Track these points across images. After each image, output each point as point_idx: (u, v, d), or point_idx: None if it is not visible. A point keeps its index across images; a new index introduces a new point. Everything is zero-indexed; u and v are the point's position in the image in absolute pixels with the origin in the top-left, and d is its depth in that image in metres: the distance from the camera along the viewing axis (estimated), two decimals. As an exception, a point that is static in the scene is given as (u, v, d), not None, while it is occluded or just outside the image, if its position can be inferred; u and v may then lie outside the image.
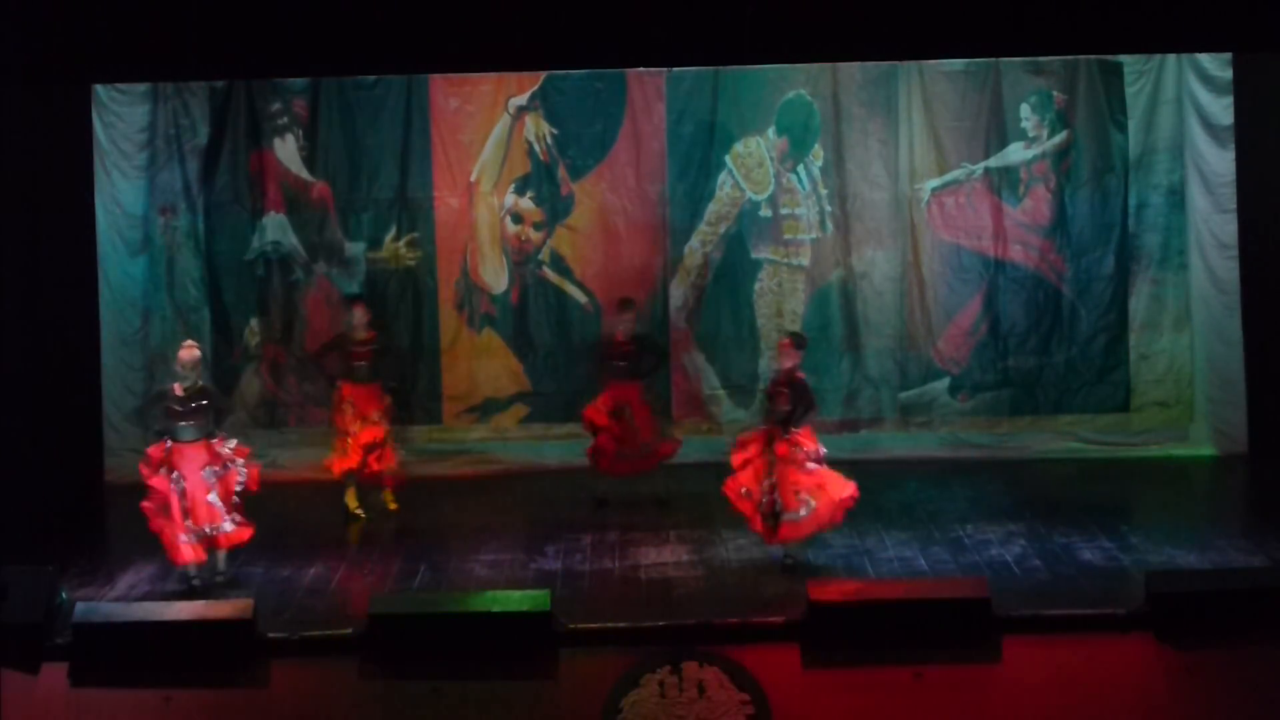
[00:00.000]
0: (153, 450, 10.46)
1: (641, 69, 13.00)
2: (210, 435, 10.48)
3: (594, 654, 9.26)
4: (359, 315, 11.98)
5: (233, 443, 10.65)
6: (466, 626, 9.38)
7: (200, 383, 10.50)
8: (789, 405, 10.52)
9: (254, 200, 13.23)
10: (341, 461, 11.82)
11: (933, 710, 8.66)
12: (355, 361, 11.89)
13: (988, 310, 13.36)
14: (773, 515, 10.42)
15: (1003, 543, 10.92)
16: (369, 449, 11.75)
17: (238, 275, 13.26)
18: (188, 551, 10.20)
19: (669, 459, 12.15)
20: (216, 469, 10.41)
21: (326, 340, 12.38)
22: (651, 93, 13.27)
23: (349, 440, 11.77)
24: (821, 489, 10.41)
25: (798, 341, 10.82)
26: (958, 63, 13.06)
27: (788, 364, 10.66)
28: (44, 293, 12.18)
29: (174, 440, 10.37)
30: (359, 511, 11.92)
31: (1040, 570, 10.38)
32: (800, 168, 13.38)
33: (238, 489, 10.48)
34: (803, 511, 10.40)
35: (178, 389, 10.43)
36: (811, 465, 10.46)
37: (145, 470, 10.43)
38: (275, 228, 13.26)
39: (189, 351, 10.51)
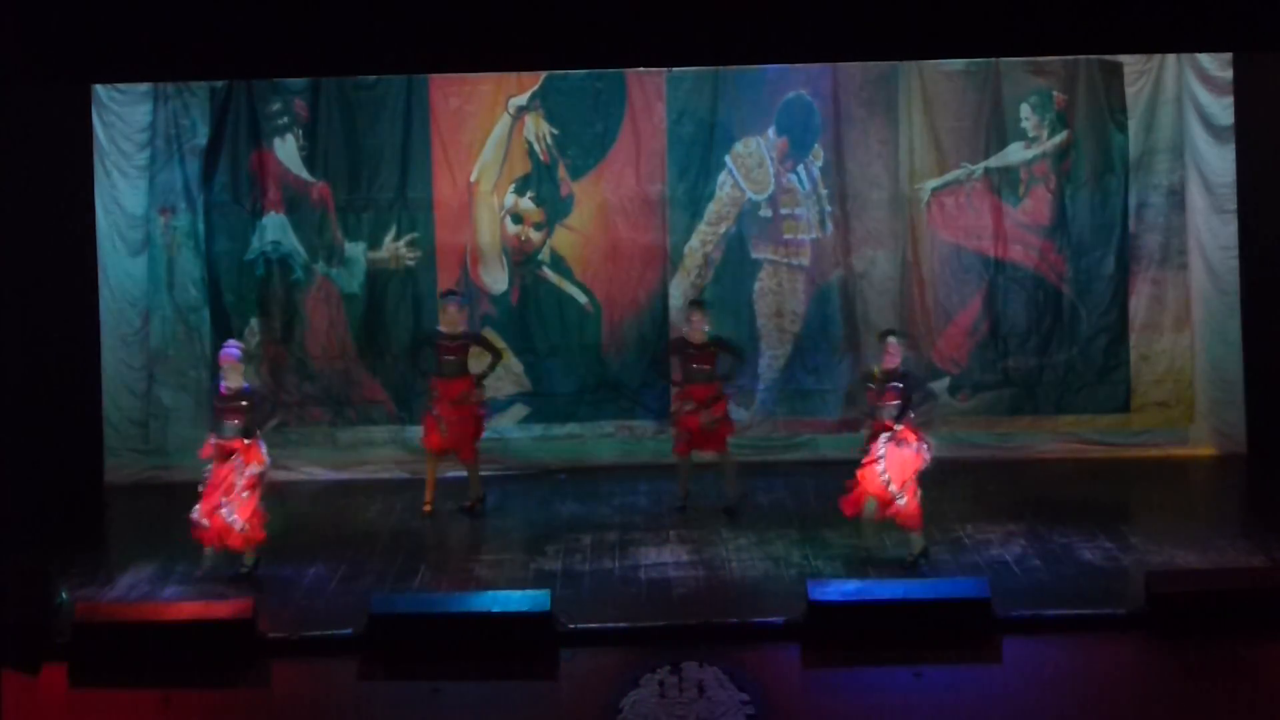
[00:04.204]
0: None
1: (641, 69, 13.00)
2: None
3: (594, 654, 9.26)
4: (453, 312, 12.03)
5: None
6: (466, 626, 9.38)
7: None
8: (901, 400, 10.69)
9: (254, 200, 13.24)
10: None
11: (933, 710, 8.65)
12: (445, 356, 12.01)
13: (988, 310, 13.36)
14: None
15: (1003, 543, 10.93)
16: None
17: (238, 275, 13.26)
18: None
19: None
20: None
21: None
22: (651, 93, 13.27)
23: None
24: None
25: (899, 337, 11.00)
26: (958, 63, 13.06)
27: (893, 363, 10.75)
28: (44, 293, 12.17)
29: None
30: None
31: (1040, 570, 10.38)
32: (800, 168, 13.38)
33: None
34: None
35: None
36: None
37: None
38: (275, 228, 13.26)
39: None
